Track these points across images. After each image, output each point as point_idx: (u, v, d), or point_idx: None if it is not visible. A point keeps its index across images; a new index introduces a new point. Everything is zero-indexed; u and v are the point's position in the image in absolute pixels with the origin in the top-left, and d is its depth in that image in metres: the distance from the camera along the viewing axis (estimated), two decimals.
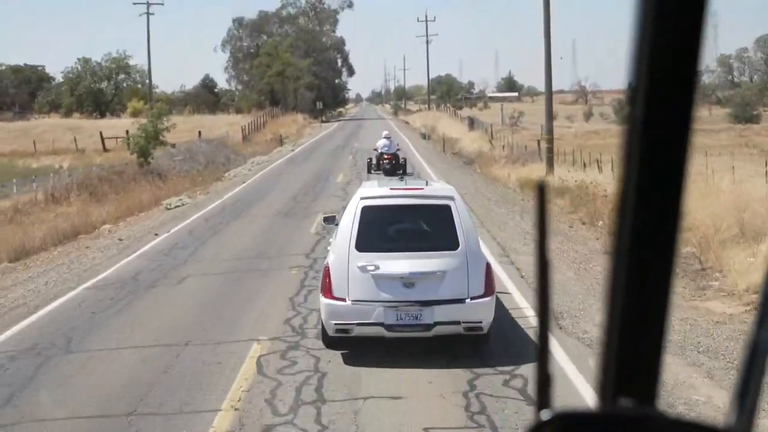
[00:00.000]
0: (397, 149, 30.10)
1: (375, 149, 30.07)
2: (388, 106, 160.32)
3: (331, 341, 8.75)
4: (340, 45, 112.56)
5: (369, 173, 28.46)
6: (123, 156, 39.68)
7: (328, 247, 10.62)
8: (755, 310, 0.82)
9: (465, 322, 8.39)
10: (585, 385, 7.46)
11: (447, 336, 8.49)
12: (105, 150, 59.31)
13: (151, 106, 58.82)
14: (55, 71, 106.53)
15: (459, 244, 8.54)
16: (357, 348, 8.59)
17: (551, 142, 31.93)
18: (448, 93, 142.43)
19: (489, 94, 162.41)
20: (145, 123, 36.54)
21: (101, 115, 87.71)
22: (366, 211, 8.74)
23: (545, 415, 0.80)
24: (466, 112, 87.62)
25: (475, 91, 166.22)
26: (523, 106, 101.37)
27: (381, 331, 8.40)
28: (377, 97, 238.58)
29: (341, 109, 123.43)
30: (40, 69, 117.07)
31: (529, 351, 8.46)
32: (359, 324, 8.40)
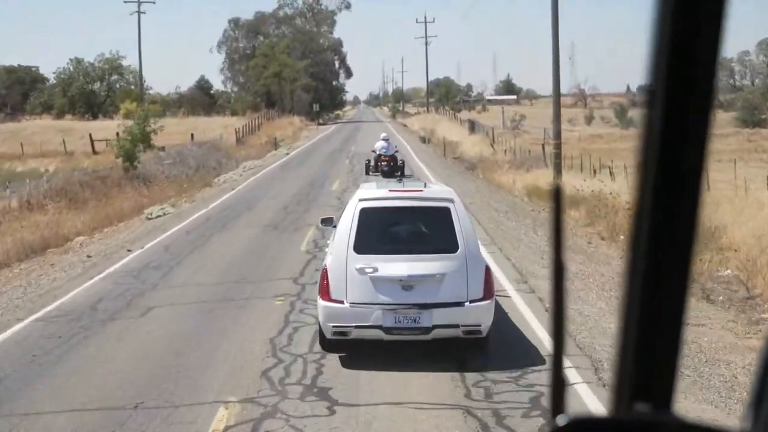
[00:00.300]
0: (396, 151, 30.05)
1: (373, 151, 30.05)
2: (386, 109, 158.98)
3: (329, 344, 8.67)
4: (337, 46, 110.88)
5: (367, 174, 28.53)
6: (112, 159, 37.70)
7: (327, 251, 10.22)
8: None
9: (464, 326, 8.34)
10: None
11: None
12: (94, 153, 57.45)
13: (142, 107, 57.04)
14: (50, 72, 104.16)
15: (458, 247, 8.45)
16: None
17: (559, 147, 30.22)
18: (447, 96, 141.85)
19: (487, 97, 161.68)
20: (131, 125, 34.71)
21: (94, 116, 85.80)
22: (364, 213, 8.65)
23: (561, 420, 0.79)
24: (465, 115, 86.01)
25: (473, 94, 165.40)
26: (522, 110, 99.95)
27: (379, 333, 8.34)
28: (375, 100, 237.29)
29: (339, 111, 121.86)
30: (34, 70, 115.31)
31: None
32: (357, 326, 8.32)
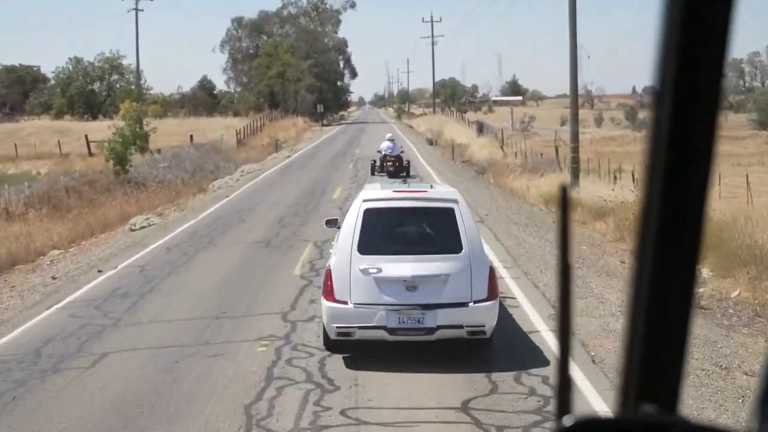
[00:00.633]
0: (401, 152, 30.01)
1: (379, 151, 30.09)
2: (391, 110, 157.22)
3: (333, 345, 8.63)
4: (342, 46, 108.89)
5: (372, 175, 28.60)
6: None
7: (331, 251, 10.05)
8: None
9: (468, 326, 8.33)
10: None
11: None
12: (90, 155, 55.50)
13: (140, 106, 55.10)
14: (51, 72, 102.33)
15: (462, 248, 8.44)
16: None
17: (576, 151, 28.27)
18: (452, 96, 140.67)
19: (493, 98, 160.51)
20: (121, 127, 32.74)
21: (93, 117, 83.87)
22: (368, 214, 8.64)
23: (567, 421, 0.79)
24: (471, 116, 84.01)
25: (478, 95, 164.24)
26: (529, 111, 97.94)
27: (383, 334, 8.32)
28: (380, 101, 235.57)
29: (343, 112, 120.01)
30: (36, 69, 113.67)
31: None
32: (361, 327, 8.31)
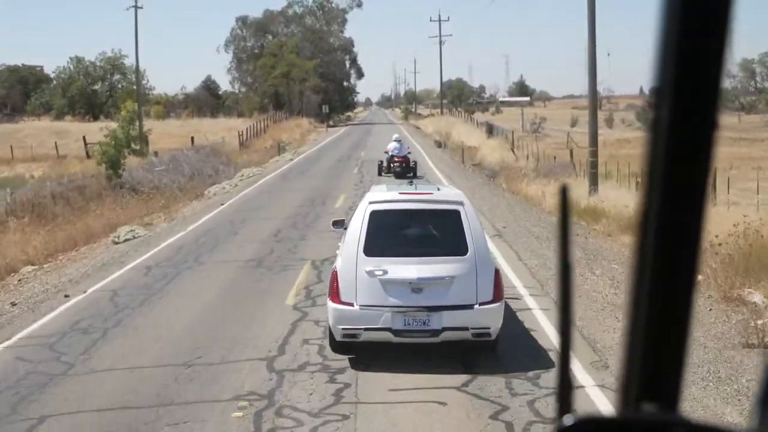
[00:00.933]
0: (408, 152, 30.18)
1: (386, 152, 30.34)
2: (398, 111, 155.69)
3: (338, 346, 8.64)
4: (348, 46, 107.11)
5: (380, 175, 28.76)
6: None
7: (337, 252, 9.97)
8: None
9: (473, 328, 8.36)
10: None
11: None
12: (88, 157, 53.75)
13: (134, 107, 53.28)
14: (52, 72, 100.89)
15: (468, 250, 8.48)
16: None
17: (595, 155, 26.40)
18: (459, 97, 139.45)
19: (500, 99, 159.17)
20: (114, 128, 31.02)
21: (95, 118, 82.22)
22: (374, 216, 8.68)
23: (568, 420, 0.79)
24: (479, 116, 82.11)
25: (485, 96, 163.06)
26: (538, 111, 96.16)
27: (388, 336, 8.35)
28: (387, 101, 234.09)
29: (349, 113, 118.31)
30: (38, 69, 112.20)
31: None
32: (367, 329, 8.32)
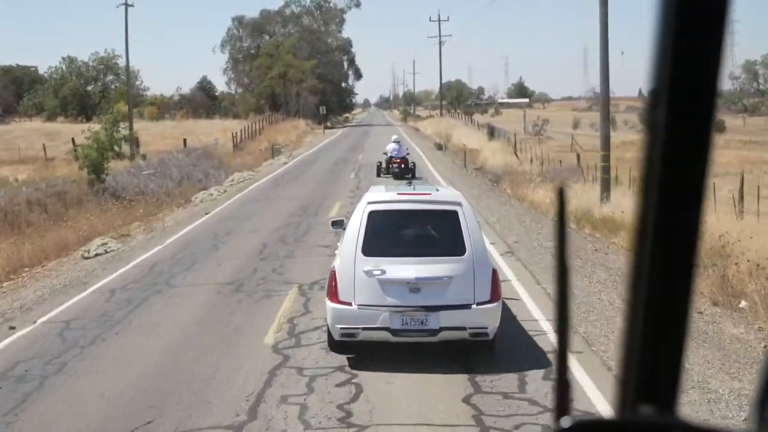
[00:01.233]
0: (407, 153, 30.35)
1: (385, 153, 30.45)
2: (396, 112, 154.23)
3: (337, 345, 8.64)
4: (346, 46, 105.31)
5: (378, 176, 28.90)
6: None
7: (336, 252, 9.89)
8: None
9: (471, 328, 8.33)
10: None
11: None
12: (76, 159, 52.03)
13: (130, 107, 51.69)
14: (45, 72, 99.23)
15: (465, 250, 8.47)
16: None
17: (608, 160, 24.64)
18: (458, 98, 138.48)
19: (499, 100, 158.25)
20: (96, 130, 29.29)
21: (87, 119, 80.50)
22: (373, 216, 8.67)
23: (565, 422, 0.79)
24: (478, 118, 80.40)
25: (484, 97, 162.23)
26: (538, 113, 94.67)
27: (386, 335, 8.31)
28: (386, 103, 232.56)
29: (347, 114, 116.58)
30: (33, 69, 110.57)
31: None
32: (365, 328, 8.31)
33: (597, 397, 7.44)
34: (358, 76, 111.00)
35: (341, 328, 8.31)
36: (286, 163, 39.86)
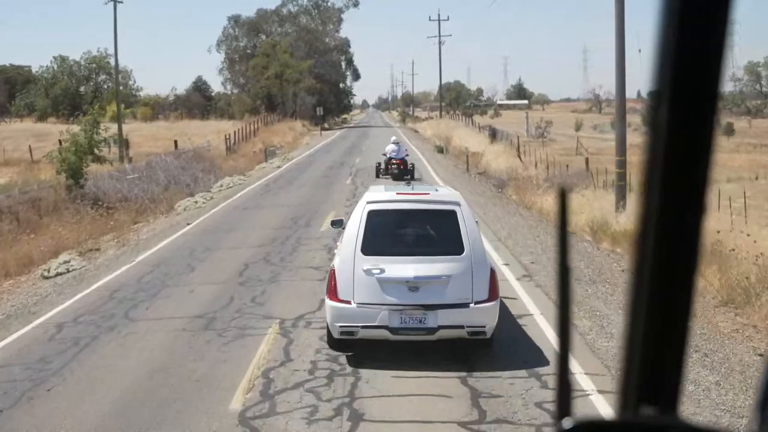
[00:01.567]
0: (406, 155, 30.41)
1: (384, 154, 30.56)
2: (395, 113, 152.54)
3: (336, 343, 8.69)
4: (344, 46, 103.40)
5: (377, 177, 29.07)
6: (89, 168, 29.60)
7: (335, 252, 10.00)
8: None
9: (469, 326, 8.39)
10: None
11: None
12: (52, 162, 50.09)
13: (118, 107, 49.84)
14: (36, 71, 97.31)
15: (464, 250, 8.53)
16: None
17: (624, 166, 22.74)
18: (457, 100, 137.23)
19: (498, 102, 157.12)
20: (74, 132, 27.40)
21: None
22: (372, 215, 8.73)
23: (567, 423, 0.79)
24: (478, 119, 78.51)
25: (483, 98, 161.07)
26: (538, 115, 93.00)
27: (385, 333, 8.38)
28: (384, 104, 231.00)
29: (345, 115, 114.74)
30: (26, 69, 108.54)
31: None
32: (364, 326, 8.35)
33: None
34: (356, 76, 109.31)
35: (341, 326, 8.39)
36: (280, 166, 37.96)
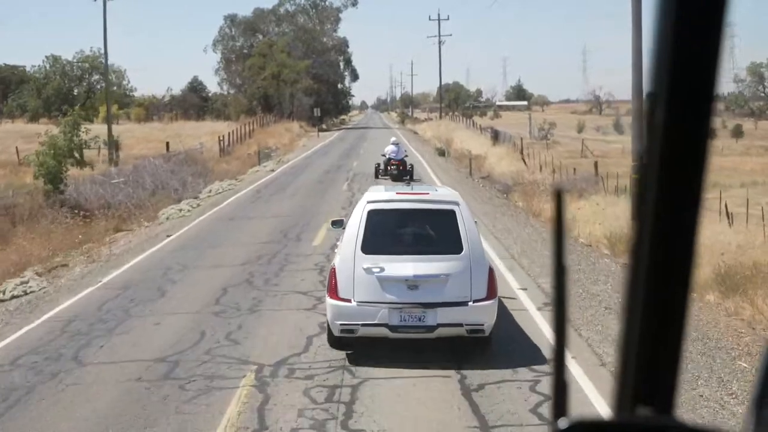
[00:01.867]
0: (405, 156, 30.49)
1: (383, 155, 30.57)
2: (394, 114, 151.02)
3: (336, 341, 8.81)
4: (342, 46, 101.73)
5: (377, 178, 29.15)
6: (71, 173, 27.75)
7: (336, 251, 9.98)
8: None
9: (467, 325, 8.44)
10: None
11: None
12: (29, 165, 48.28)
13: (108, 108, 48.08)
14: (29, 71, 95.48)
15: (463, 248, 8.59)
16: None
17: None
18: (456, 101, 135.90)
19: (497, 103, 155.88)
20: (53, 135, 25.74)
21: None
22: (372, 215, 8.79)
23: (563, 423, 0.80)
24: (478, 120, 76.86)
25: (482, 99, 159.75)
26: (538, 116, 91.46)
27: (385, 332, 8.46)
28: (383, 104, 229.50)
29: (344, 116, 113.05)
30: (21, 69, 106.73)
31: None
32: (364, 325, 8.44)
33: None
34: (355, 77, 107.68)
35: (341, 324, 8.46)
36: (274, 170, 36.23)
